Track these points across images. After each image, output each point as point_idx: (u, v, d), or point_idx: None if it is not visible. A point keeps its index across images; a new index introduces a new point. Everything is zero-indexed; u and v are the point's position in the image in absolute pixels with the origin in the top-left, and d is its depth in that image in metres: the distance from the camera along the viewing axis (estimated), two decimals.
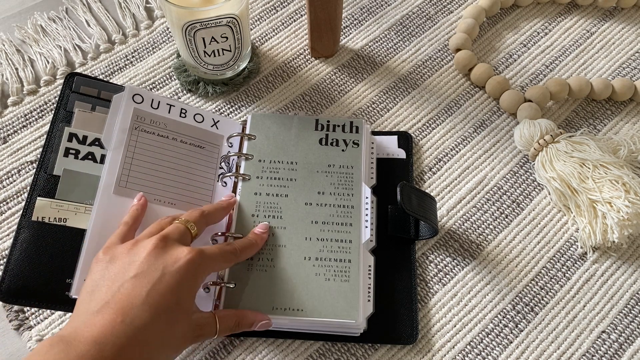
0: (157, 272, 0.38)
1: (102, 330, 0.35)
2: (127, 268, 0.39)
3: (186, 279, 0.39)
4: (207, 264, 0.41)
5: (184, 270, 0.39)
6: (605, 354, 0.48)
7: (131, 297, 0.37)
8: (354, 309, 0.46)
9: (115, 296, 0.37)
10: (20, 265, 0.44)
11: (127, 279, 0.38)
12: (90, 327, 0.35)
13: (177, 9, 0.50)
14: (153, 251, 0.39)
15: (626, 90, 0.59)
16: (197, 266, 0.40)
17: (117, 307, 0.36)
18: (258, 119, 0.55)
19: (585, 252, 0.52)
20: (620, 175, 0.51)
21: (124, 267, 0.39)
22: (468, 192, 0.55)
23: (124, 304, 0.36)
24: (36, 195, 0.47)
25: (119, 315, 0.36)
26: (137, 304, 0.36)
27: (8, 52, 0.63)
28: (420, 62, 0.63)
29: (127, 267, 0.39)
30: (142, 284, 0.37)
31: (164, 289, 0.38)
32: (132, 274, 0.38)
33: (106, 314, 0.36)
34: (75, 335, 0.35)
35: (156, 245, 0.40)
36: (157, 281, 0.38)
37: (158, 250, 0.39)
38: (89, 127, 0.50)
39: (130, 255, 0.40)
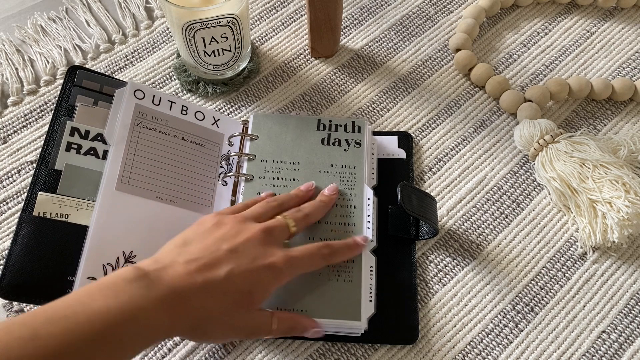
0: (247, 259, 0.40)
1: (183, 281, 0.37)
2: (226, 239, 0.41)
3: (265, 276, 0.41)
4: (293, 271, 0.43)
5: (267, 268, 0.41)
6: (605, 354, 0.48)
7: (216, 267, 0.39)
8: (357, 310, 0.46)
9: (205, 258, 0.39)
10: (21, 261, 0.44)
11: (222, 249, 0.40)
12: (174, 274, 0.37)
13: (177, 9, 0.50)
14: (254, 238, 0.42)
15: (626, 90, 0.59)
16: (281, 272, 0.41)
17: (202, 269, 0.38)
18: (260, 119, 0.55)
19: (585, 252, 0.53)
20: (620, 175, 0.51)
21: (223, 237, 0.41)
22: (468, 192, 0.56)
23: (209, 269, 0.39)
24: (37, 190, 0.46)
25: (201, 275, 0.38)
26: (219, 275, 0.39)
27: (8, 52, 0.63)
28: (420, 62, 0.63)
29: (227, 239, 0.41)
30: (230, 261, 0.39)
31: (246, 276, 0.40)
32: (227, 247, 0.40)
33: (191, 270, 0.38)
34: (159, 276, 0.37)
35: (259, 234, 0.42)
36: (243, 265, 0.40)
37: (259, 240, 0.42)
38: (91, 121, 0.50)
39: (234, 230, 0.42)
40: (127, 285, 0.35)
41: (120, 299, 0.34)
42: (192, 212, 0.50)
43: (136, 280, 0.36)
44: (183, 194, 0.50)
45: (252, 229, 0.42)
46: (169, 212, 0.49)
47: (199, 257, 0.39)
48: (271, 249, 0.42)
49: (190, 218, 0.49)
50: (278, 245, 0.43)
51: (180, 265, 0.38)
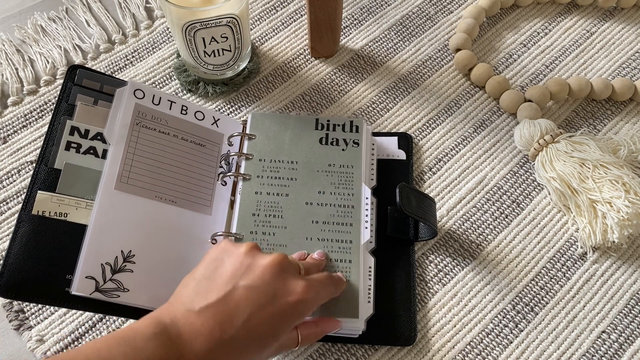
0: (267, 296, 0.37)
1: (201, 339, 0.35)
2: (243, 272, 0.38)
3: (291, 315, 0.38)
4: (315, 304, 0.40)
5: (292, 307, 0.38)
6: (605, 354, 0.48)
7: (234, 312, 0.36)
8: (355, 311, 0.46)
9: (220, 302, 0.36)
10: (20, 260, 0.44)
11: (239, 286, 0.37)
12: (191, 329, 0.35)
13: (177, 9, 0.50)
14: (271, 267, 0.38)
15: (626, 90, 0.59)
16: (306, 306, 0.39)
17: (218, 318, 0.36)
18: (258, 119, 0.55)
19: (585, 252, 0.52)
20: (620, 175, 0.51)
21: (240, 269, 0.38)
22: (468, 192, 0.55)
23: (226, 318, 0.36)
24: (37, 188, 0.46)
25: (218, 328, 0.35)
26: (238, 323, 0.36)
27: (8, 52, 0.63)
28: (420, 62, 0.63)
29: (243, 271, 0.38)
30: (249, 302, 0.37)
31: (267, 319, 0.37)
32: (245, 283, 0.37)
33: (207, 322, 0.36)
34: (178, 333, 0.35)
35: (275, 263, 0.39)
36: (263, 306, 0.37)
37: (277, 269, 0.38)
38: (90, 120, 0.49)
39: (250, 259, 0.39)
40: (146, 342, 0.34)
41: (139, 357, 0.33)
42: (191, 212, 0.50)
43: (154, 338, 0.34)
44: (182, 194, 0.50)
45: (267, 256, 0.39)
46: (168, 212, 0.49)
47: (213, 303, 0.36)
48: (290, 280, 0.39)
49: (189, 218, 0.49)
50: (296, 275, 0.40)
51: (195, 317, 0.36)
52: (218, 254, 0.40)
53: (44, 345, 0.48)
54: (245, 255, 0.39)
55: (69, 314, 0.49)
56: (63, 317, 0.49)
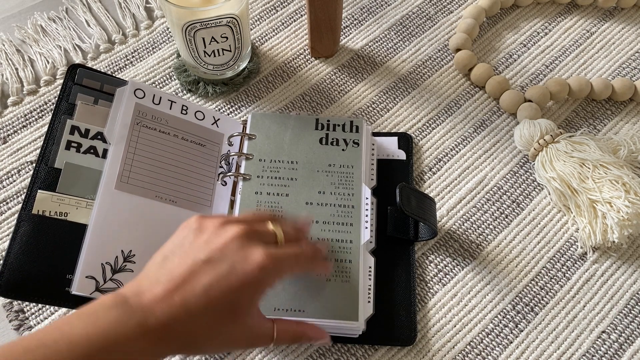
0: (225, 266, 0.37)
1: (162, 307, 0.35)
2: (203, 247, 0.38)
3: (250, 284, 0.37)
4: (279, 272, 0.39)
5: (250, 275, 0.37)
6: (605, 354, 0.48)
7: (195, 281, 0.36)
8: (355, 310, 0.46)
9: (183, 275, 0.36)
10: (20, 260, 0.44)
11: (198, 260, 0.37)
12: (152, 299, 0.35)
13: (177, 9, 0.50)
14: (233, 241, 0.38)
15: (626, 90, 0.59)
16: (267, 273, 0.38)
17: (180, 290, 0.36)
18: (258, 119, 0.55)
19: (585, 252, 0.52)
20: (620, 175, 0.51)
21: (201, 245, 0.38)
22: (468, 192, 0.55)
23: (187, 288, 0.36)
24: (37, 188, 0.46)
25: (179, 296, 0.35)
26: (198, 291, 0.36)
27: (8, 52, 0.63)
28: (420, 62, 0.63)
29: (204, 246, 0.38)
30: (208, 273, 0.36)
31: (225, 288, 0.36)
32: (203, 257, 0.37)
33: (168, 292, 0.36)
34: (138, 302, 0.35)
35: (239, 235, 0.38)
36: (221, 276, 0.36)
37: (238, 242, 0.38)
38: (91, 120, 0.49)
39: (213, 235, 0.38)
40: (105, 312, 0.34)
41: (99, 326, 0.33)
42: (191, 212, 0.50)
43: (114, 307, 0.34)
44: (182, 194, 0.50)
45: (233, 229, 0.38)
46: (168, 212, 0.49)
47: (175, 275, 0.36)
48: (252, 248, 0.38)
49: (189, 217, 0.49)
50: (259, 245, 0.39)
51: (158, 288, 0.36)
52: (187, 229, 0.40)
53: None
54: (214, 228, 0.39)
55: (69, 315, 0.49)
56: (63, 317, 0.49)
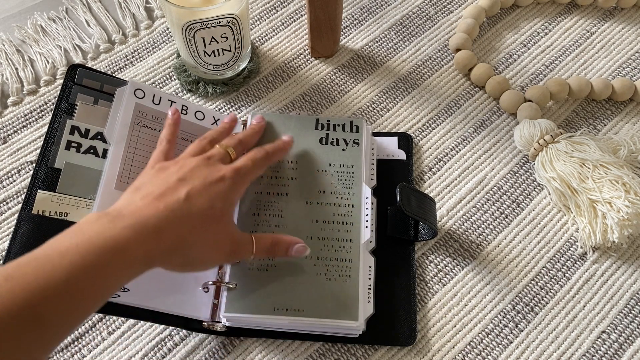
0: (198, 180, 0.42)
1: (145, 210, 0.38)
2: (173, 174, 0.42)
3: (222, 190, 0.42)
4: (244, 178, 0.45)
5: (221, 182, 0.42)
6: (605, 354, 0.48)
7: (174, 194, 0.40)
8: (355, 310, 0.46)
9: (160, 190, 0.40)
10: None
11: (172, 180, 0.41)
12: (133, 207, 0.38)
13: (177, 9, 0.50)
14: (198, 165, 0.43)
15: (626, 90, 0.59)
16: (233, 181, 0.43)
17: (160, 198, 0.39)
18: None
19: (585, 252, 0.52)
20: (620, 175, 0.51)
21: (170, 174, 0.42)
22: (468, 192, 0.55)
23: (167, 198, 0.39)
24: (37, 188, 0.46)
25: (162, 203, 0.39)
26: (179, 199, 0.40)
27: (8, 52, 0.63)
28: (420, 62, 0.63)
29: (173, 174, 0.42)
30: (184, 186, 0.41)
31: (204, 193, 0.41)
32: (176, 178, 0.41)
33: (149, 201, 0.39)
34: (120, 212, 0.38)
35: (201, 162, 0.43)
36: (198, 186, 0.41)
37: (203, 164, 0.43)
38: (91, 120, 0.49)
39: (177, 167, 0.43)
40: (90, 225, 0.36)
41: (86, 235, 0.35)
42: None
43: (98, 219, 0.36)
44: None
45: (194, 159, 0.44)
46: None
47: (154, 192, 0.40)
48: (215, 166, 0.44)
49: None
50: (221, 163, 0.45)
51: (139, 201, 0.39)
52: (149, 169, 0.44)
53: None
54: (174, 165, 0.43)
55: None
56: None
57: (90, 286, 0.33)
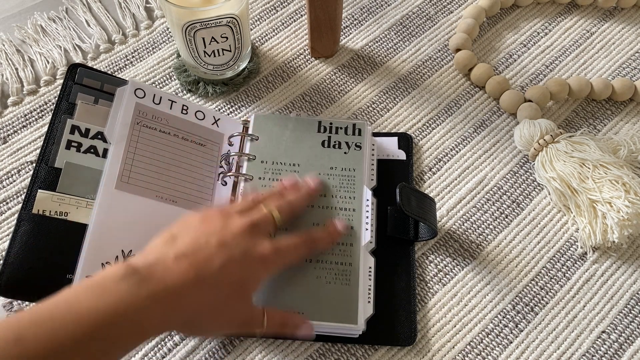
0: (237, 251, 0.40)
1: (175, 275, 0.37)
2: (215, 233, 0.41)
3: (257, 269, 0.41)
4: (281, 261, 0.43)
5: (259, 263, 0.41)
6: (605, 354, 0.48)
7: (208, 261, 0.38)
8: (354, 313, 0.46)
9: (195, 253, 0.39)
10: (20, 259, 0.44)
11: (212, 242, 0.40)
12: (165, 270, 0.37)
13: (177, 9, 0.50)
14: (241, 231, 0.41)
15: (626, 90, 0.59)
16: (271, 262, 0.42)
17: (194, 264, 0.38)
18: (261, 120, 0.55)
19: (585, 252, 0.52)
20: (620, 175, 0.51)
21: (211, 231, 0.41)
22: (468, 192, 0.55)
23: (201, 264, 0.38)
24: (37, 187, 0.46)
25: (193, 270, 0.37)
26: (212, 269, 0.38)
27: (8, 52, 0.63)
28: (420, 62, 0.63)
29: (215, 232, 0.41)
30: (221, 254, 0.39)
31: (237, 270, 0.40)
32: (216, 241, 0.40)
33: (182, 265, 0.37)
34: (150, 272, 0.36)
35: (246, 228, 0.42)
36: (234, 259, 0.40)
37: (247, 232, 0.42)
38: (91, 119, 0.49)
39: (221, 223, 0.42)
40: (116, 284, 0.35)
41: (108, 299, 0.34)
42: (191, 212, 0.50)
43: (125, 277, 0.35)
44: (183, 194, 0.50)
45: (239, 222, 0.42)
46: (168, 212, 0.49)
47: (189, 251, 0.38)
48: (259, 240, 0.42)
49: None
50: (265, 237, 0.43)
51: (171, 261, 0.37)
52: (190, 217, 0.43)
53: None
54: (218, 219, 0.42)
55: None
56: None
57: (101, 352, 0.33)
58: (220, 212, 0.43)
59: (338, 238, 0.48)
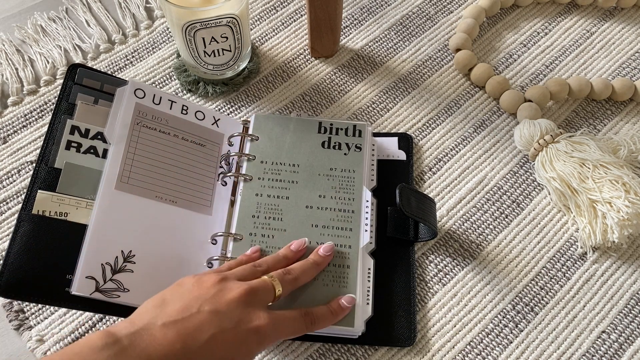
0: (230, 322, 0.37)
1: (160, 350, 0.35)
2: (208, 300, 0.38)
3: (250, 343, 0.38)
4: (276, 336, 0.40)
5: (253, 334, 0.38)
6: (605, 354, 0.48)
7: (198, 331, 0.36)
8: (351, 316, 0.46)
9: (185, 321, 0.36)
10: (20, 259, 0.44)
11: (204, 310, 0.37)
12: (150, 339, 0.35)
13: (177, 9, 0.50)
14: (237, 300, 0.39)
15: (626, 90, 0.59)
16: (266, 337, 0.39)
17: (182, 333, 0.36)
18: (261, 120, 0.55)
19: (585, 252, 0.52)
20: (620, 175, 0.51)
21: (205, 296, 0.38)
22: (468, 192, 0.55)
23: (189, 335, 0.36)
24: (37, 188, 0.46)
25: (180, 342, 0.35)
26: (200, 341, 0.36)
27: (8, 52, 0.63)
28: (420, 62, 0.63)
29: (208, 298, 0.38)
30: (212, 324, 0.37)
31: (228, 342, 0.37)
32: (209, 308, 0.37)
33: (169, 334, 0.35)
34: (132, 342, 0.34)
35: (242, 296, 0.39)
36: (226, 330, 0.37)
37: (242, 302, 0.39)
38: (91, 120, 0.49)
39: (217, 288, 0.39)
40: (95, 354, 0.33)
41: None
42: (191, 212, 0.50)
43: (105, 348, 0.33)
44: (182, 194, 0.50)
45: (235, 288, 0.39)
46: (168, 212, 0.49)
47: (178, 319, 0.36)
48: (255, 311, 0.39)
49: (189, 218, 0.49)
50: (262, 307, 0.40)
51: (157, 329, 0.35)
52: (185, 281, 0.40)
53: (44, 345, 0.48)
54: (214, 284, 0.40)
55: (69, 314, 0.49)
56: (63, 317, 0.49)
57: None
58: (217, 276, 0.40)
59: (342, 316, 0.45)
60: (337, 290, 0.47)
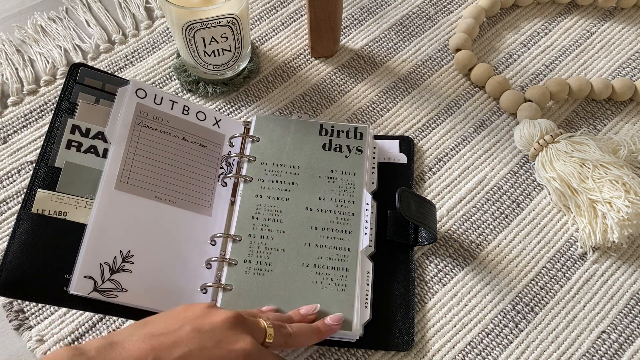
0: (211, 341, 0.36)
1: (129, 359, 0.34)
2: (191, 320, 0.37)
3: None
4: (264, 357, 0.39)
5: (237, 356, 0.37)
6: (605, 354, 0.48)
7: (174, 346, 0.35)
8: (349, 320, 0.45)
9: (162, 336, 0.36)
10: (19, 258, 0.44)
11: (185, 328, 0.37)
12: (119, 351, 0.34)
13: (177, 9, 0.50)
14: (222, 322, 0.38)
15: (626, 90, 0.59)
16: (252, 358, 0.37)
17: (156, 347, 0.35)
18: (262, 122, 0.55)
19: (585, 252, 0.52)
20: (620, 175, 0.51)
21: (189, 317, 0.38)
22: (468, 192, 0.55)
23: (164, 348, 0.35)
24: (37, 187, 0.46)
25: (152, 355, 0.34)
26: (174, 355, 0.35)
27: (8, 52, 0.63)
28: (420, 62, 0.63)
29: (192, 319, 0.37)
30: (192, 341, 0.36)
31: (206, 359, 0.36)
32: (191, 327, 0.37)
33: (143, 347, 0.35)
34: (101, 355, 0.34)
35: (229, 319, 0.38)
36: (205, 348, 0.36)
37: (228, 325, 0.38)
38: (92, 119, 0.49)
39: (203, 313, 0.38)
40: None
41: None
42: (191, 213, 0.50)
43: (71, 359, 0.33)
44: (182, 194, 0.50)
45: (223, 313, 0.38)
46: (167, 212, 0.49)
47: (156, 334, 0.35)
48: (241, 334, 0.37)
49: (189, 218, 0.49)
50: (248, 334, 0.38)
51: (131, 343, 0.34)
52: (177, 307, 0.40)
53: (44, 345, 0.48)
54: (202, 308, 0.39)
55: (69, 314, 0.49)
56: (63, 317, 0.49)
57: None
58: (209, 303, 0.40)
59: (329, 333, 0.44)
60: (336, 294, 0.46)
